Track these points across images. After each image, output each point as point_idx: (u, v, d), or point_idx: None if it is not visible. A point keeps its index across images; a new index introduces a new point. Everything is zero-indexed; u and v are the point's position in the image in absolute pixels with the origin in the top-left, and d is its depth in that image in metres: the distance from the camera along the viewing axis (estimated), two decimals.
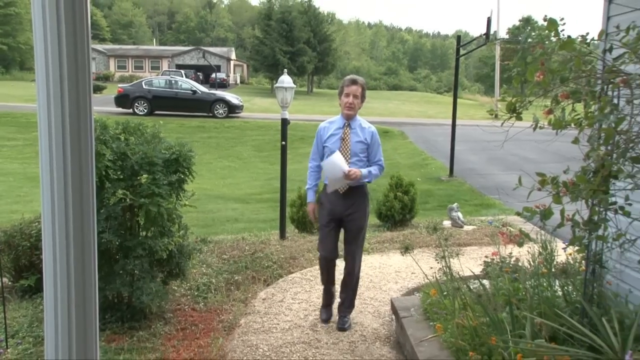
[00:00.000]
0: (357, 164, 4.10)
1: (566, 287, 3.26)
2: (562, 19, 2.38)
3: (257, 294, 4.98)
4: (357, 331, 4.19)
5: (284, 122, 6.67)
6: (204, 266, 5.49)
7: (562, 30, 2.36)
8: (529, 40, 2.48)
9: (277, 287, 5.17)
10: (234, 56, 61.33)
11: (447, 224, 7.69)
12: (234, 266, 5.54)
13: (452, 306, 3.52)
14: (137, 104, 24.19)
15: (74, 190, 1.19)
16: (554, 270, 3.53)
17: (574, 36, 2.35)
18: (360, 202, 4.17)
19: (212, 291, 4.94)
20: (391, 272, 5.63)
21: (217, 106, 24.87)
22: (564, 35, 2.34)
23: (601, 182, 2.25)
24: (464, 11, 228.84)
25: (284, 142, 6.75)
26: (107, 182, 3.89)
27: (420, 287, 4.88)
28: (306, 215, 6.55)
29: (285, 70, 7.20)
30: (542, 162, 13.49)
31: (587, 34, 2.42)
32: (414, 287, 5.12)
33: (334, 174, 4.02)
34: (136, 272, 4.01)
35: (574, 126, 2.38)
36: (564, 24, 2.37)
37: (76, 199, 1.19)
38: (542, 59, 2.37)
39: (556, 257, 3.68)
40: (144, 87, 24.83)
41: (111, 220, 3.90)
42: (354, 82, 4.15)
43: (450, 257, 3.88)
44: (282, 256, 5.90)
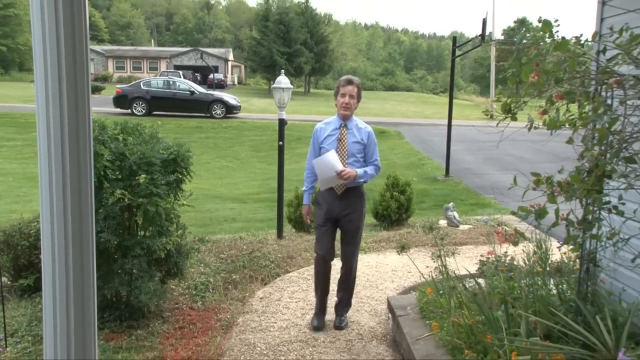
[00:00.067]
0: (354, 164, 4.08)
1: (561, 286, 3.28)
2: (556, 21, 2.38)
3: (254, 293, 5.00)
4: (353, 330, 4.21)
5: (281, 123, 6.68)
6: (202, 265, 5.50)
7: (557, 31, 2.36)
8: (524, 41, 2.49)
9: (275, 286, 5.19)
10: (231, 57, 61.23)
11: (443, 223, 7.71)
12: (232, 265, 5.55)
13: (448, 305, 3.54)
14: (135, 105, 24.21)
15: (73, 190, 1.19)
16: (548, 269, 3.55)
17: (568, 37, 2.36)
18: (356, 203, 4.16)
19: (210, 290, 4.95)
20: (388, 271, 5.65)
21: (215, 107, 24.90)
22: (558, 36, 2.34)
23: (595, 182, 2.25)
24: (459, 12, 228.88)
25: (281, 143, 6.76)
26: (106, 182, 3.90)
27: (416, 286, 4.90)
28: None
29: (282, 71, 7.20)
30: (537, 162, 13.52)
31: (581, 35, 2.43)
32: (410, 286, 5.13)
33: (325, 173, 3.99)
34: (134, 271, 4.02)
35: (568, 126, 2.39)
36: (559, 25, 2.37)
37: (75, 199, 1.19)
38: (537, 60, 2.38)
39: (551, 256, 3.70)
40: (142, 87, 24.84)
41: (110, 219, 3.91)
42: (349, 82, 4.12)
43: (446, 256, 3.89)
44: (280, 255, 5.91)
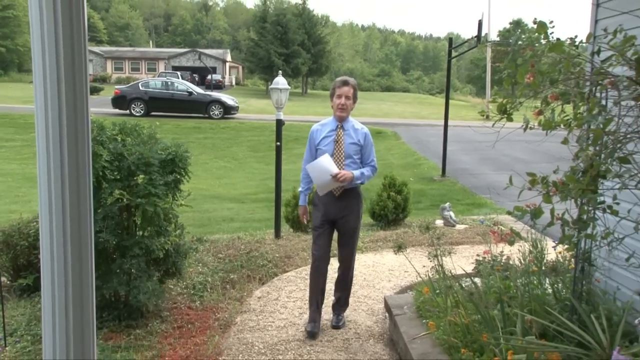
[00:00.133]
0: (351, 165, 4.05)
1: (556, 285, 3.30)
2: (551, 22, 2.39)
3: (252, 292, 5.01)
4: (351, 329, 4.23)
5: (279, 123, 6.70)
6: (200, 265, 5.52)
7: (552, 32, 2.37)
8: (520, 42, 2.53)
9: (272, 286, 5.20)
10: (229, 58, 61.22)
11: (439, 223, 7.74)
12: (230, 265, 5.57)
13: (444, 304, 3.55)
14: (133, 105, 24.24)
15: (71, 190, 1.18)
16: (544, 268, 3.57)
17: (563, 39, 2.37)
18: (353, 204, 4.14)
19: (208, 290, 4.97)
20: (384, 270, 5.67)
21: (213, 107, 24.93)
22: (553, 37, 2.36)
23: (590, 182, 2.26)
24: (455, 14, 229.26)
25: (278, 143, 6.78)
26: (104, 183, 3.92)
27: (413, 285, 4.92)
28: None
29: (280, 71, 7.21)
30: (532, 162, 13.57)
31: (576, 36, 2.45)
32: (407, 285, 5.15)
33: (320, 177, 3.95)
34: (133, 271, 4.03)
35: (563, 127, 2.40)
36: (554, 26, 2.38)
37: (73, 199, 1.19)
38: (532, 61, 2.39)
39: (546, 256, 3.72)
40: (141, 88, 24.86)
41: (108, 220, 3.92)
42: (345, 84, 4.10)
43: (442, 256, 3.90)
44: (277, 255, 5.93)
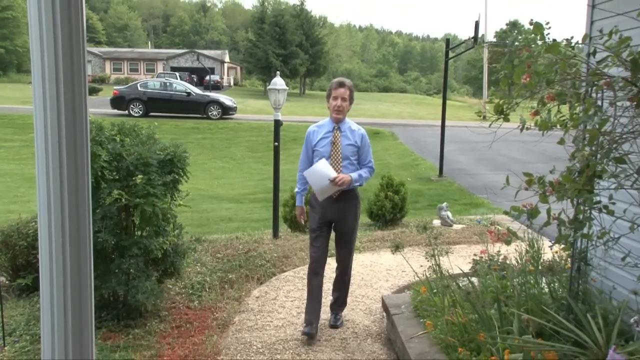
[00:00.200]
0: (348, 167, 4.03)
1: (552, 284, 3.31)
2: (547, 23, 2.41)
3: (250, 292, 5.02)
4: (349, 328, 4.24)
5: (277, 124, 6.71)
6: (199, 265, 5.52)
7: (548, 33, 2.39)
8: (516, 43, 2.52)
9: (271, 286, 5.21)
10: (227, 59, 61.23)
11: (436, 223, 7.75)
12: (228, 265, 5.57)
13: (441, 303, 3.56)
14: (132, 106, 24.26)
15: (70, 190, 1.19)
16: (540, 267, 3.58)
17: (559, 40, 2.39)
18: (351, 205, 4.12)
19: (207, 289, 4.97)
20: (382, 270, 5.68)
21: (211, 108, 24.97)
22: (549, 38, 2.37)
23: (586, 182, 2.28)
24: (452, 15, 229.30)
25: (276, 143, 6.79)
26: (103, 183, 3.93)
27: (410, 285, 4.93)
28: None
29: (277, 72, 7.21)
30: (529, 162, 13.59)
31: (572, 37, 2.47)
32: (404, 285, 5.16)
33: (319, 182, 3.92)
34: (132, 271, 4.04)
35: (559, 127, 2.42)
36: (550, 27, 2.40)
37: (72, 199, 1.19)
38: (529, 62, 2.41)
39: (543, 255, 3.73)
40: (139, 89, 24.88)
41: (107, 220, 3.93)
42: (341, 85, 4.07)
43: (439, 256, 3.91)
44: (275, 255, 5.94)
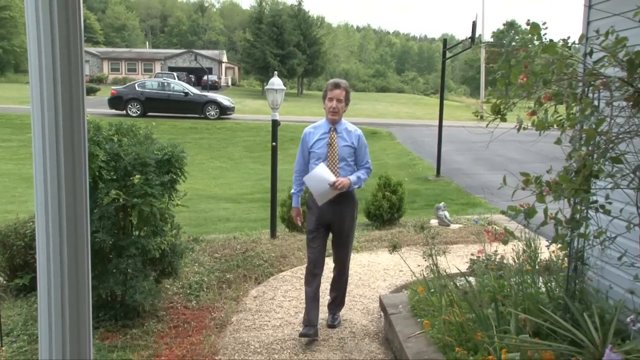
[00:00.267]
0: (345, 168, 4.03)
1: (549, 284, 3.33)
2: (544, 23, 2.42)
3: (248, 292, 5.02)
4: (346, 328, 4.25)
5: (275, 124, 6.71)
6: (196, 265, 5.52)
7: (545, 34, 2.40)
8: (513, 43, 2.54)
9: (268, 285, 5.21)
10: (225, 59, 61.15)
11: (434, 222, 7.75)
12: (226, 265, 5.57)
13: (439, 303, 3.57)
14: (130, 106, 24.23)
15: (68, 190, 1.19)
16: (537, 267, 3.60)
17: (556, 40, 2.40)
18: (348, 206, 4.10)
19: (204, 289, 4.97)
20: (380, 270, 5.69)
21: (209, 108, 24.94)
22: (546, 39, 2.38)
23: (583, 182, 2.29)
24: (449, 15, 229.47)
25: (274, 143, 6.79)
26: (101, 183, 3.92)
27: (408, 285, 4.95)
28: None
29: (275, 72, 7.21)
30: (526, 162, 13.60)
31: (569, 37, 2.48)
32: (402, 285, 5.17)
33: (318, 187, 3.91)
34: (129, 270, 4.04)
35: (556, 127, 2.43)
36: (547, 28, 2.41)
37: (70, 199, 1.19)
38: (526, 62, 2.42)
39: (540, 255, 3.75)
40: (137, 89, 24.85)
41: (104, 220, 3.93)
42: (337, 86, 4.05)
43: (437, 255, 3.93)
44: (273, 255, 5.94)
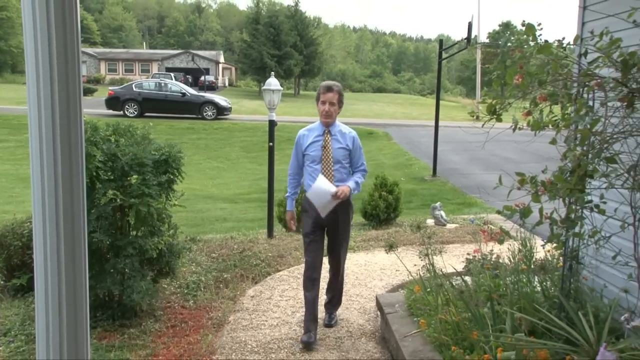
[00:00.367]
0: (340, 170, 4.03)
1: (545, 283, 3.34)
2: (539, 24, 2.43)
3: (245, 291, 5.03)
4: (343, 327, 4.26)
5: (271, 124, 6.71)
6: (194, 265, 5.53)
7: (540, 35, 2.42)
8: (509, 44, 2.55)
9: (265, 285, 5.22)
10: (222, 59, 61.08)
11: (430, 222, 7.77)
12: (223, 264, 5.58)
13: (435, 302, 3.59)
14: (127, 106, 24.23)
15: (65, 190, 1.19)
16: (533, 266, 3.60)
17: (551, 41, 2.42)
18: (344, 209, 4.09)
19: (202, 289, 4.98)
20: (376, 269, 5.70)
21: (206, 108, 24.96)
22: (541, 39, 2.40)
23: (577, 182, 2.30)
24: (446, 16, 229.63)
25: (271, 143, 6.80)
26: (98, 183, 3.92)
27: (404, 284, 4.96)
28: None
29: (272, 73, 7.21)
30: (521, 162, 13.65)
31: (564, 38, 2.49)
32: (398, 284, 5.18)
33: (321, 200, 3.91)
34: (127, 270, 4.05)
35: (551, 127, 2.44)
36: (542, 29, 2.43)
37: (67, 200, 1.19)
38: (521, 63, 2.43)
39: (535, 254, 3.75)
40: (134, 89, 24.85)
41: (102, 220, 3.93)
42: (329, 90, 4.02)
43: (433, 255, 3.94)
44: (270, 254, 5.95)
